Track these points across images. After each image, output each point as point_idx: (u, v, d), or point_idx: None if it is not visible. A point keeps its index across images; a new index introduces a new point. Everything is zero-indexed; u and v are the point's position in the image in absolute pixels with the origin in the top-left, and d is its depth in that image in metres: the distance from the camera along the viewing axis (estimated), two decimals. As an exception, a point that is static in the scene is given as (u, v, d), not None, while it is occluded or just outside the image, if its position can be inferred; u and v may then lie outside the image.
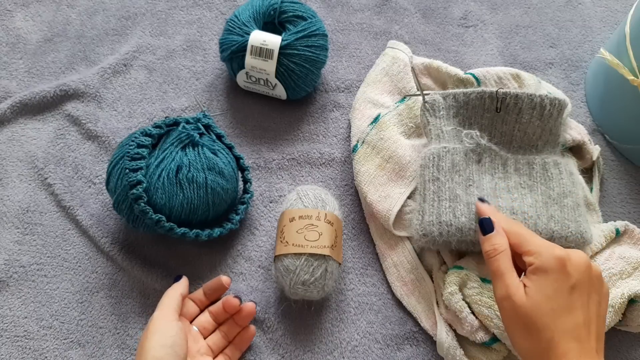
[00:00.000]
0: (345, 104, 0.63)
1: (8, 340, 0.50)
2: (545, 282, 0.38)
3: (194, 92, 0.64)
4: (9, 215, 0.56)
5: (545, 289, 0.37)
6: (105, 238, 0.54)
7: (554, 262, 0.38)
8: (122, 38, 0.68)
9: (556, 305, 0.37)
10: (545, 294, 0.37)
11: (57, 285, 0.53)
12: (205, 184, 0.49)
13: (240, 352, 0.49)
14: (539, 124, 0.52)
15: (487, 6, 0.72)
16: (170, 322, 0.43)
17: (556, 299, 0.37)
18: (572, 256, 0.38)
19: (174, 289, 0.47)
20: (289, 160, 0.60)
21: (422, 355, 0.50)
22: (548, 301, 0.37)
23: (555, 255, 0.38)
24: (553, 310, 0.37)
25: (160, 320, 0.43)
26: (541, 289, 0.38)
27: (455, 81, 0.60)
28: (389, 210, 0.53)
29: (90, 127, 0.60)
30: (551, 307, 0.37)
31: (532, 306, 0.37)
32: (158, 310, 0.44)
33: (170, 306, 0.45)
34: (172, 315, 0.44)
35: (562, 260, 0.38)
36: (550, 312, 0.37)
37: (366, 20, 0.69)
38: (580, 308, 0.37)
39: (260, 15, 0.59)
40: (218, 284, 0.51)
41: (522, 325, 0.38)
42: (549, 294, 0.37)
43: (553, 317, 0.37)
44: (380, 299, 0.53)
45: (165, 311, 0.44)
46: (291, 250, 0.47)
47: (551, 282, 0.37)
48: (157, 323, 0.43)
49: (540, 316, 0.37)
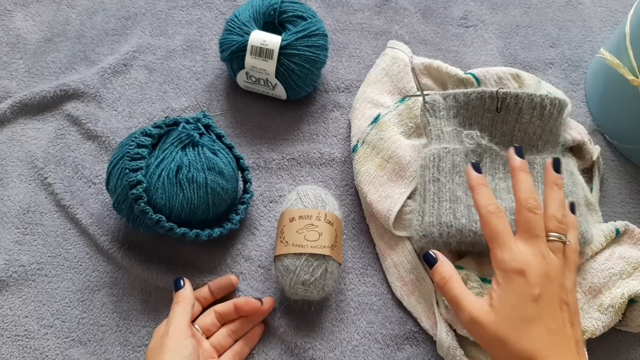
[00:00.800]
0: (345, 104, 0.63)
1: (9, 340, 0.50)
2: (509, 294, 0.37)
3: (194, 92, 0.64)
4: (9, 215, 0.56)
5: (511, 300, 0.37)
6: (105, 237, 0.54)
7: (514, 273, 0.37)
8: (122, 38, 0.68)
9: (525, 315, 0.36)
10: (511, 306, 0.37)
11: (58, 285, 0.53)
12: (205, 184, 0.49)
13: (249, 348, 0.49)
14: (539, 123, 0.52)
15: (487, 6, 0.72)
16: (185, 339, 0.43)
17: (524, 309, 0.36)
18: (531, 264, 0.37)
19: (185, 301, 0.46)
20: (289, 160, 0.60)
21: (422, 355, 0.50)
22: (515, 312, 0.37)
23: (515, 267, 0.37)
24: (522, 320, 0.36)
25: (174, 337, 0.42)
26: (506, 301, 0.37)
27: (455, 81, 0.60)
28: (389, 210, 0.53)
29: (90, 127, 0.60)
30: (519, 317, 0.36)
31: (499, 321, 0.37)
32: (172, 326, 0.43)
33: (184, 322, 0.44)
34: (186, 332, 0.43)
35: (520, 269, 0.37)
36: (520, 323, 0.36)
37: (366, 20, 0.69)
38: (549, 316, 0.37)
39: (260, 15, 0.59)
40: (228, 282, 0.51)
41: (495, 341, 0.37)
42: (515, 305, 0.37)
43: (524, 328, 0.36)
44: (380, 299, 0.53)
45: (180, 328, 0.43)
46: (291, 250, 0.47)
47: (516, 293, 0.37)
48: (172, 340, 0.42)
49: (510, 329, 0.36)
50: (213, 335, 0.49)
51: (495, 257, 0.39)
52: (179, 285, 0.47)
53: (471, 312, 0.38)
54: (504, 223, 0.39)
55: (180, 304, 0.45)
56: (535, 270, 0.37)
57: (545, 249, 0.38)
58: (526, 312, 0.36)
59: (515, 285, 0.37)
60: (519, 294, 0.37)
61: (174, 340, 0.42)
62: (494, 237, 0.39)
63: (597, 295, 0.48)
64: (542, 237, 0.39)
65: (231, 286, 0.51)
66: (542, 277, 0.37)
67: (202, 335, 0.48)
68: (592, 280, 0.49)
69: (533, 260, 0.37)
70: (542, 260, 0.38)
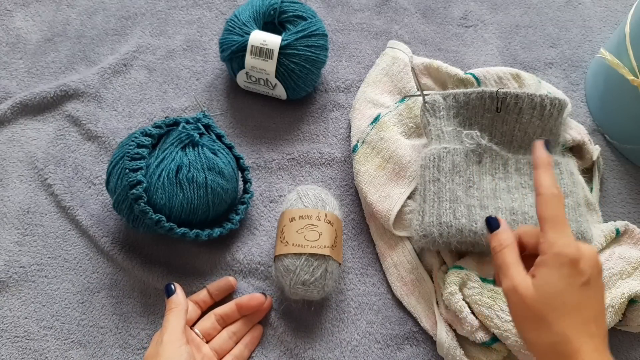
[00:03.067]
0: (345, 104, 0.63)
1: (8, 341, 0.50)
2: (556, 277, 0.37)
3: (194, 92, 0.64)
4: (9, 216, 0.56)
5: (557, 283, 0.37)
6: (106, 238, 0.54)
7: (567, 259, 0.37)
8: (122, 38, 0.68)
9: (567, 300, 0.36)
10: (556, 288, 0.37)
11: (58, 286, 0.53)
12: (205, 184, 0.49)
13: (249, 351, 0.49)
14: (539, 123, 0.52)
15: (487, 6, 0.72)
16: (179, 347, 0.42)
17: (568, 295, 0.36)
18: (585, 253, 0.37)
19: (178, 308, 0.45)
20: (289, 160, 0.60)
21: (422, 355, 0.50)
22: (558, 296, 0.36)
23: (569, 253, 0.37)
24: (564, 304, 0.36)
25: (169, 345, 0.42)
26: (551, 283, 0.37)
27: (455, 81, 0.60)
28: (389, 210, 0.53)
29: (91, 127, 0.60)
30: (562, 301, 0.36)
31: (540, 298, 0.37)
32: (166, 334, 0.43)
33: (178, 329, 0.44)
34: (180, 339, 0.43)
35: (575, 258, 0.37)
36: (561, 306, 0.36)
37: (366, 20, 0.69)
38: (591, 304, 0.37)
39: (260, 15, 0.59)
40: (227, 284, 0.51)
41: (531, 318, 0.37)
42: (560, 289, 0.37)
43: (564, 312, 0.36)
44: (380, 299, 0.53)
45: (174, 336, 0.43)
46: (291, 250, 0.47)
47: (563, 277, 0.37)
48: (167, 349, 0.42)
49: (550, 310, 0.36)
50: (214, 339, 0.49)
51: (548, 239, 0.38)
52: (170, 291, 0.47)
53: (514, 280, 0.38)
54: (563, 210, 0.39)
55: (173, 311, 0.45)
56: (588, 260, 0.37)
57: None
58: (571, 298, 0.36)
59: (564, 270, 0.37)
60: (566, 279, 0.37)
61: (168, 349, 0.42)
62: (552, 219, 0.39)
63: (597, 295, 0.48)
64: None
65: (230, 288, 0.51)
66: (593, 268, 0.37)
67: (202, 339, 0.48)
68: (593, 280, 0.49)
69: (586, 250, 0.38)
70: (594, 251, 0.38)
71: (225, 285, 0.51)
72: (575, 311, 0.36)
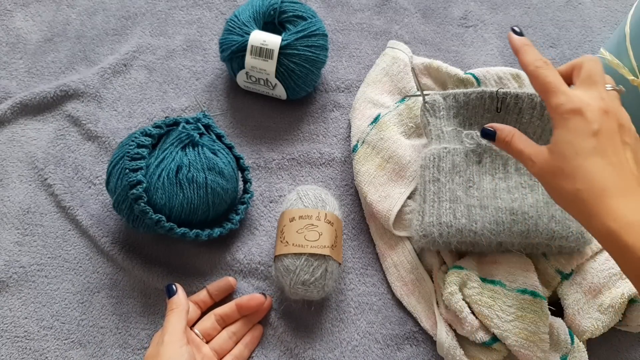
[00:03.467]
0: (345, 104, 0.63)
1: (8, 341, 0.50)
2: (564, 132, 0.37)
3: (194, 92, 0.64)
4: (9, 216, 0.56)
5: (566, 137, 0.37)
6: (106, 238, 0.54)
7: (570, 113, 0.37)
8: (122, 38, 0.68)
9: (580, 149, 0.36)
10: (566, 140, 0.37)
11: (58, 286, 0.53)
12: (205, 184, 0.49)
13: (249, 351, 0.49)
14: (539, 123, 0.52)
15: (487, 6, 0.72)
16: (180, 347, 0.42)
17: (579, 143, 0.36)
18: (590, 104, 0.37)
19: (179, 308, 0.45)
20: (289, 160, 0.60)
21: (422, 355, 0.50)
22: (570, 146, 0.36)
23: (571, 107, 0.37)
24: (577, 153, 0.36)
25: (170, 345, 0.42)
26: (562, 138, 0.37)
27: (455, 81, 0.60)
28: (389, 210, 0.53)
29: (91, 127, 0.60)
30: (574, 151, 0.36)
31: (555, 156, 0.37)
32: (167, 335, 0.43)
33: (179, 329, 0.44)
34: (181, 340, 0.43)
35: (577, 108, 0.37)
36: (575, 156, 0.36)
37: (366, 20, 0.69)
38: (610, 151, 0.36)
39: (260, 15, 0.59)
40: (226, 284, 0.51)
41: (551, 176, 0.38)
42: (569, 140, 0.37)
43: (579, 161, 0.36)
44: (380, 299, 0.53)
45: (175, 336, 0.43)
46: (291, 250, 0.47)
47: (571, 130, 0.37)
48: (168, 349, 0.42)
49: (565, 162, 0.36)
50: (214, 339, 0.49)
51: (551, 105, 0.38)
52: (171, 291, 0.47)
53: (529, 152, 0.40)
54: (554, 73, 0.39)
55: (174, 311, 0.45)
56: (593, 108, 0.37)
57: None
58: (583, 146, 0.36)
59: (571, 124, 0.37)
60: (575, 131, 0.37)
61: (169, 349, 0.42)
62: (547, 87, 0.39)
63: (597, 295, 0.48)
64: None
65: (230, 288, 0.51)
66: (601, 114, 0.37)
67: (202, 339, 0.48)
68: (592, 280, 0.49)
69: (590, 100, 0.37)
70: (601, 99, 0.38)
71: (225, 286, 0.51)
72: (593, 157, 0.36)
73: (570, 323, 0.48)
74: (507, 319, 0.46)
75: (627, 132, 0.38)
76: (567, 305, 0.49)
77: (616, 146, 0.36)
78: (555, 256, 0.50)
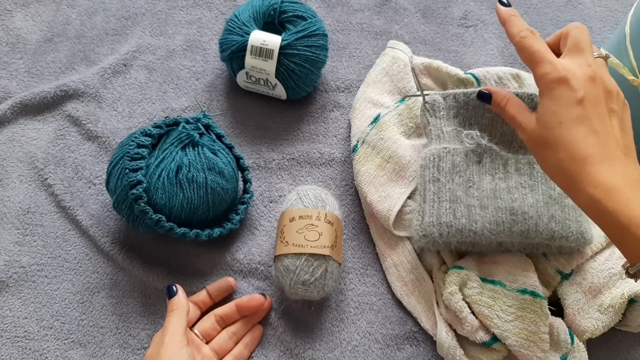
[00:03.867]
0: (345, 104, 0.63)
1: (8, 341, 0.50)
2: (549, 101, 0.37)
3: (194, 92, 0.64)
4: (9, 216, 0.56)
5: (551, 106, 0.37)
6: (106, 238, 0.54)
7: (554, 82, 0.37)
8: (122, 38, 0.68)
9: (564, 117, 0.36)
10: (550, 110, 0.37)
11: (58, 286, 0.53)
12: (205, 184, 0.49)
13: (249, 351, 0.49)
14: (539, 124, 0.52)
15: (487, 6, 0.72)
16: (180, 348, 0.43)
17: (563, 112, 0.36)
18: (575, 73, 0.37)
19: (179, 309, 0.46)
20: (289, 160, 0.60)
21: (422, 355, 0.50)
22: (554, 116, 0.37)
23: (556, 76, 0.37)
24: (561, 123, 0.36)
25: (170, 346, 0.42)
26: (547, 108, 0.37)
27: (455, 81, 0.60)
28: (389, 210, 0.53)
29: (91, 127, 0.60)
30: (558, 120, 0.36)
31: (540, 125, 0.38)
32: (167, 335, 0.43)
33: (179, 330, 0.44)
34: (181, 340, 0.43)
35: (562, 77, 0.37)
36: (559, 125, 0.36)
37: (366, 20, 0.69)
38: (595, 119, 0.36)
39: (260, 15, 0.59)
40: (226, 285, 0.51)
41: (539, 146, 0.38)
42: (554, 109, 0.37)
43: (563, 129, 0.36)
44: (380, 299, 0.53)
45: (175, 337, 0.43)
46: (291, 250, 0.47)
47: (555, 98, 0.37)
48: (168, 350, 0.42)
49: (549, 131, 0.37)
50: (214, 339, 0.48)
51: (537, 75, 0.38)
52: (172, 292, 0.47)
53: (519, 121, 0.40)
54: (540, 42, 0.39)
55: (175, 312, 0.45)
56: (579, 76, 0.37)
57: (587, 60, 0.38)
58: (567, 115, 0.36)
59: (556, 93, 0.37)
60: (559, 100, 0.37)
61: (170, 350, 0.42)
62: (532, 57, 0.39)
63: (597, 295, 0.48)
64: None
65: (230, 288, 0.51)
66: (586, 81, 0.37)
67: (202, 340, 0.48)
68: (592, 280, 0.49)
69: (576, 68, 0.37)
70: (587, 67, 0.37)
71: (225, 286, 0.51)
72: (577, 125, 0.36)
73: (570, 323, 0.48)
74: (507, 319, 0.46)
75: (615, 98, 0.38)
76: (567, 305, 0.49)
77: (601, 114, 0.36)
78: (555, 256, 0.50)
